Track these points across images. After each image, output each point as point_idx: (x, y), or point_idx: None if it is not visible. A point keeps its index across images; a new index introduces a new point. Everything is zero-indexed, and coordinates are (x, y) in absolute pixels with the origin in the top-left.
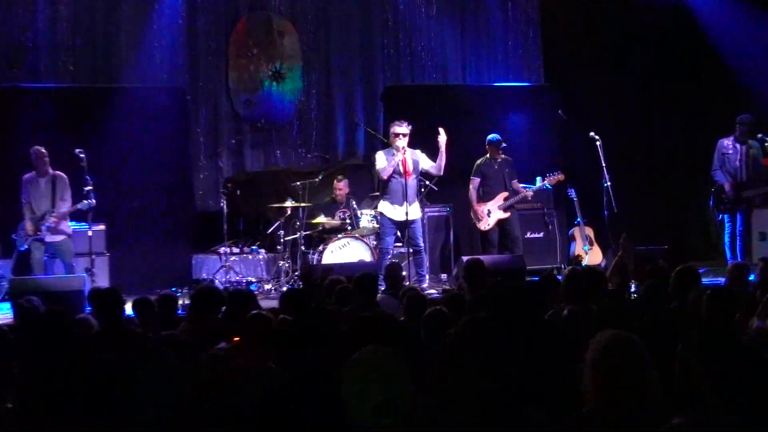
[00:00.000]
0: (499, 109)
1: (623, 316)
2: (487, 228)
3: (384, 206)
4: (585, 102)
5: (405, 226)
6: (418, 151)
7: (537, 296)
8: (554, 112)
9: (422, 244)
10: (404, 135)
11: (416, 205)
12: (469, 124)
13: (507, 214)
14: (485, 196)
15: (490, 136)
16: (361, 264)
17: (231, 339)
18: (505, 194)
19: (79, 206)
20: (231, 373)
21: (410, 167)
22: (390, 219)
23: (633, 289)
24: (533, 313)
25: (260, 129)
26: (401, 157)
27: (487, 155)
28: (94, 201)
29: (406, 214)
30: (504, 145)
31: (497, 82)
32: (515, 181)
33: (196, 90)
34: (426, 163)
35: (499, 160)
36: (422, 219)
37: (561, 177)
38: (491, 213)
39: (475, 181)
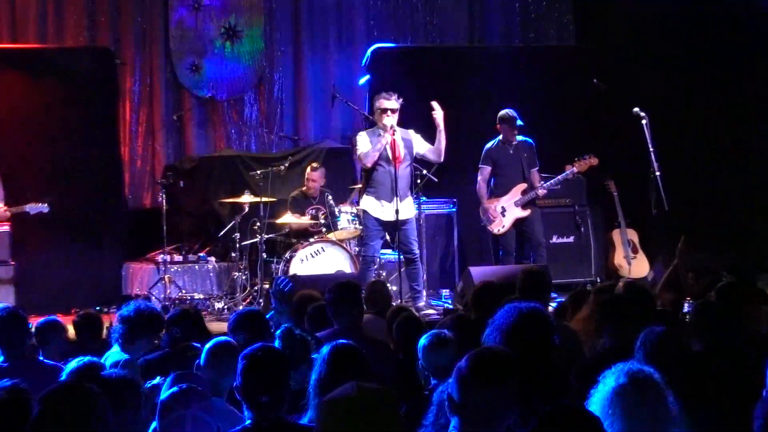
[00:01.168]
0: (517, 77)
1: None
2: (502, 231)
3: (368, 203)
4: (627, 68)
5: (395, 227)
6: (411, 132)
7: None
8: (588, 81)
9: (417, 251)
10: (393, 111)
11: (409, 200)
12: (477, 97)
13: (526, 212)
14: (498, 190)
15: (502, 112)
16: (338, 276)
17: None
18: (523, 186)
19: (27, 209)
20: None
21: (401, 152)
22: (376, 219)
23: (687, 308)
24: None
25: (209, 102)
26: (389, 138)
27: (500, 137)
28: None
29: (397, 212)
30: (520, 123)
31: (514, 43)
32: (536, 170)
33: (126, 52)
34: (422, 147)
35: (515, 142)
36: (417, 218)
37: (593, 161)
38: (506, 211)
39: (484, 171)
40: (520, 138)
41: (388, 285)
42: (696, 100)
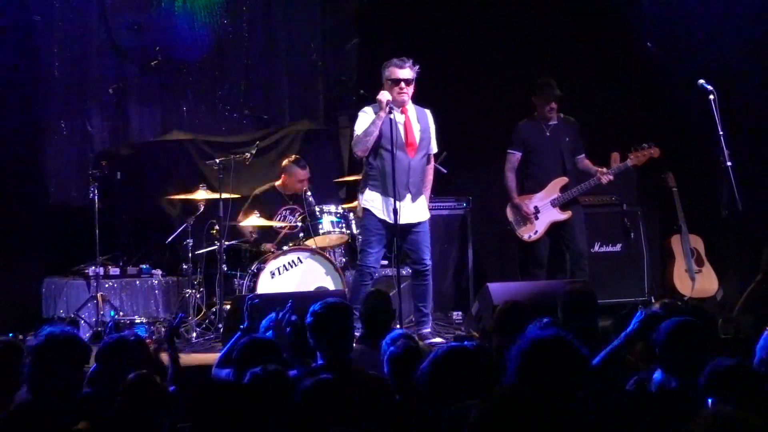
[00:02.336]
0: (549, 37)
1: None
2: (534, 237)
3: (371, 199)
4: (687, 31)
5: (404, 233)
6: (429, 114)
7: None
8: (640, 44)
9: (430, 262)
10: (408, 82)
11: (423, 199)
12: (501, 60)
13: (565, 215)
14: (530, 183)
15: (539, 81)
16: (320, 294)
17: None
18: (562, 181)
19: None
20: None
21: (416, 136)
22: (379, 221)
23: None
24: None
25: (155, 71)
26: (399, 117)
27: (534, 114)
28: None
29: (408, 212)
30: (558, 92)
31: None
32: (582, 156)
33: (50, 8)
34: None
35: (554, 122)
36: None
37: (654, 152)
38: (540, 213)
39: (513, 157)
40: (560, 115)
41: None
42: None
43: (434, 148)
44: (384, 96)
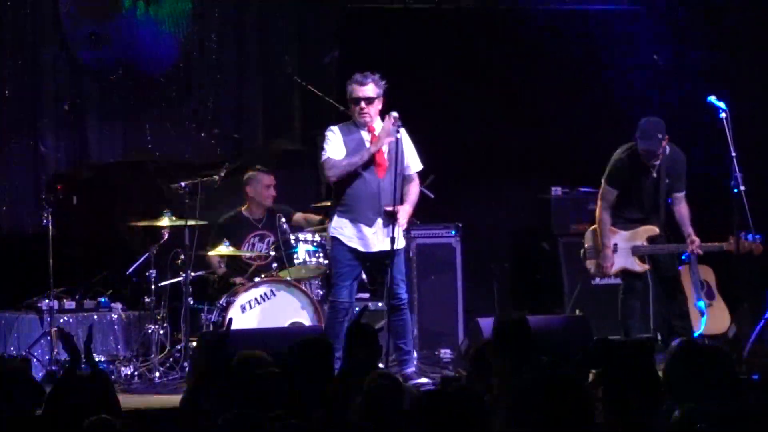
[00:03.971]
0: (554, 48)
1: None
2: (604, 273)
3: (340, 227)
4: (699, 39)
5: (377, 263)
6: (403, 131)
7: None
8: (647, 55)
9: (406, 296)
10: (369, 101)
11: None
12: (493, 80)
13: (642, 269)
14: (615, 218)
15: (646, 122)
16: (295, 330)
17: None
18: (653, 230)
19: None
20: None
21: (386, 155)
22: (350, 249)
23: None
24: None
25: (116, 86)
26: (365, 135)
27: (633, 144)
28: None
29: (380, 240)
30: (659, 122)
31: (556, 4)
32: (681, 195)
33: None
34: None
35: (659, 161)
36: (407, 250)
37: (757, 249)
38: (617, 254)
39: (610, 195)
40: (668, 149)
41: None
42: None
43: (416, 166)
44: (366, 116)
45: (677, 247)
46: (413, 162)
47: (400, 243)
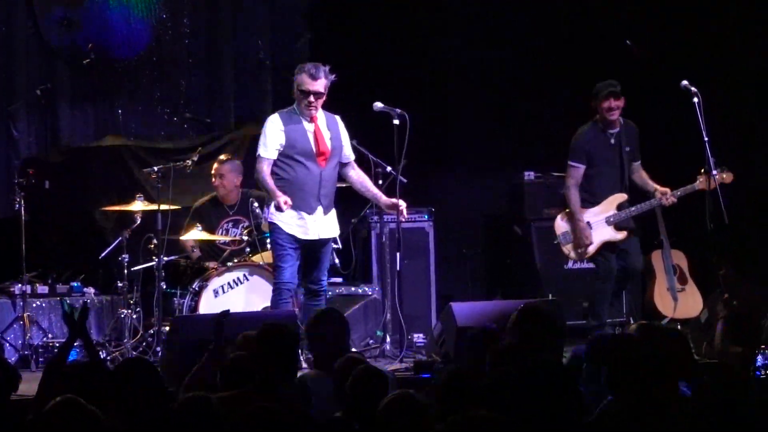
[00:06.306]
0: (520, 35)
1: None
2: (583, 255)
3: (280, 213)
4: (672, 25)
5: (310, 248)
6: (339, 120)
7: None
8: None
9: (326, 284)
10: (318, 95)
11: (333, 214)
12: (467, 62)
13: (621, 235)
14: (583, 195)
15: (600, 85)
16: (268, 314)
17: None
18: (621, 197)
19: None
20: None
21: (328, 144)
22: (289, 235)
23: (760, 362)
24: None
25: (88, 71)
26: (308, 125)
27: (596, 117)
28: None
29: (319, 227)
30: (615, 89)
31: None
32: (638, 164)
33: None
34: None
35: (617, 129)
36: (378, 235)
37: (727, 178)
38: (593, 229)
39: (577, 171)
40: (622, 120)
41: None
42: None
43: (350, 156)
44: (311, 107)
45: (650, 203)
46: (347, 152)
47: (335, 230)
